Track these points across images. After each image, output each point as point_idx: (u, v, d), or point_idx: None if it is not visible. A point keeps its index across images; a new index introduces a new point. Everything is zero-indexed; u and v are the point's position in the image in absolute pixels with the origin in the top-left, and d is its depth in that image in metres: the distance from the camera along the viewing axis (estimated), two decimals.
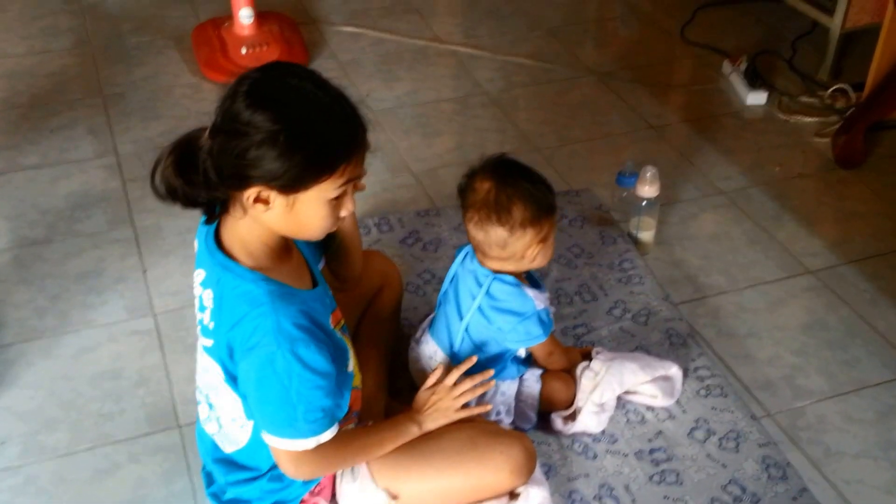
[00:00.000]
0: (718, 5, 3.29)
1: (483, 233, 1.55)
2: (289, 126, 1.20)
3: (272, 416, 1.32)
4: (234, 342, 1.31)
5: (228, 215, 1.32)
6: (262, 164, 1.20)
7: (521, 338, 1.62)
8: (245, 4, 2.85)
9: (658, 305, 1.99)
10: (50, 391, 1.87)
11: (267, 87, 1.22)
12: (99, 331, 2.01)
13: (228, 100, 1.22)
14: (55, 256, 2.21)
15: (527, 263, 1.60)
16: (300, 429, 1.32)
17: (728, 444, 1.69)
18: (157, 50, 3.03)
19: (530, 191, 1.54)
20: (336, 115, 1.24)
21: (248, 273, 1.30)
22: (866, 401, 1.85)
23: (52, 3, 3.33)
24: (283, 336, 1.27)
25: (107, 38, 3.12)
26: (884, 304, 2.07)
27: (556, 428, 1.71)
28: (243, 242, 1.32)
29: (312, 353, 1.28)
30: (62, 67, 2.95)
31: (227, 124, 1.21)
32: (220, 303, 1.32)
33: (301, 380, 1.28)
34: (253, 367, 1.29)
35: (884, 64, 2.52)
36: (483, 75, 2.91)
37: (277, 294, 1.29)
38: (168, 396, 1.86)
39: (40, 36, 3.13)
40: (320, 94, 1.24)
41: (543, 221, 1.55)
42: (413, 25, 3.19)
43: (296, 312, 1.29)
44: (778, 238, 2.26)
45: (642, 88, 2.85)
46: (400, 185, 2.43)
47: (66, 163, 2.52)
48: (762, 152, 2.57)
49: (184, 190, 1.25)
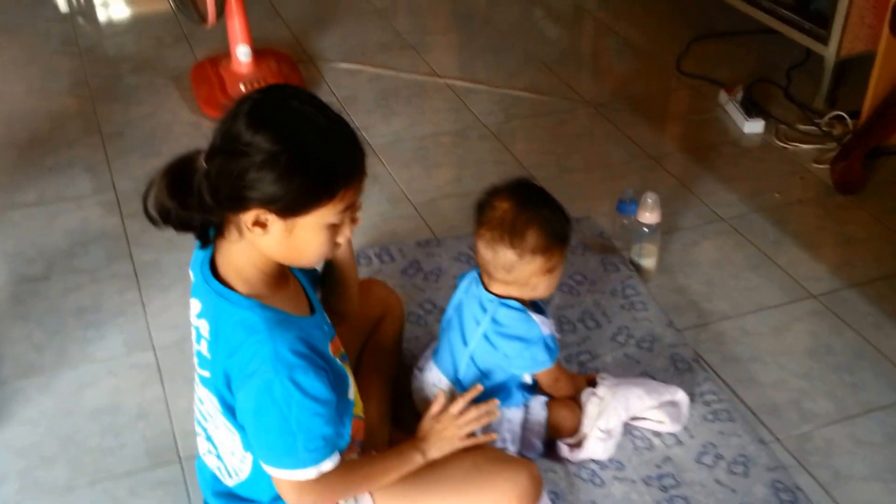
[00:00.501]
0: (712, 38, 3.32)
1: (492, 252, 1.54)
2: (290, 148, 1.19)
3: (272, 446, 1.30)
4: (231, 371, 1.29)
5: (223, 240, 1.30)
6: (261, 186, 1.19)
7: (527, 364, 1.60)
8: (242, 42, 2.88)
9: (662, 331, 1.98)
10: (48, 427, 1.85)
11: (269, 109, 1.21)
12: (98, 365, 1.99)
13: (229, 120, 1.21)
14: (53, 292, 2.20)
15: (529, 291, 1.59)
16: (301, 458, 1.29)
17: (737, 469, 1.67)
18: (156, 89, 3.05)
19: (548, 218, 1.53)
20: (337, 140, 1.24)
21: (243, 300, 1.28)
22: (874, 423, 1.83)
23: (51, 44, 3.37)
24: (281, 363, 1.24)
25: (105, 78, 3.14)
26: (888, 327, 2.06)
27: (562, 455, 1.69)
28: (239, 269, 1.30)
29: (311, 380, 1.26)
30: (60, 107, 2.96)
31: (227, 145, 1.20)
32: (217, 332, 1.30)
33: (300, 407, 1.26)
34: (251, 395, 1.27)
35: (880, 90, 2.53)
36: (481, 108, 2.93)
37: (274, 321, 1.27)
38: (169, 430, 1.84)
39: (38, 77, 3.15)
40: (322, 117, 1.23)
41: (554, 251, 1.54)
42: (410, 61, 3.21)
43: (293, 339, 1.27)
44: (780, 263, 2.26)
45: (640, 119, 2.87)
46: (400, 217, 2.43)
47: (64, 200, 2.52)
48: (761, 179, 2.57)
49: (177, 212, 1.23)
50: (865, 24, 2.73)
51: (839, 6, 2.71)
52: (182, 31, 3.43)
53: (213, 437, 1.42)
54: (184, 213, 1.24)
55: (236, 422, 1.34)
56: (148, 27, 3.58)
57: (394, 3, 3.71)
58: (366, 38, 3.38)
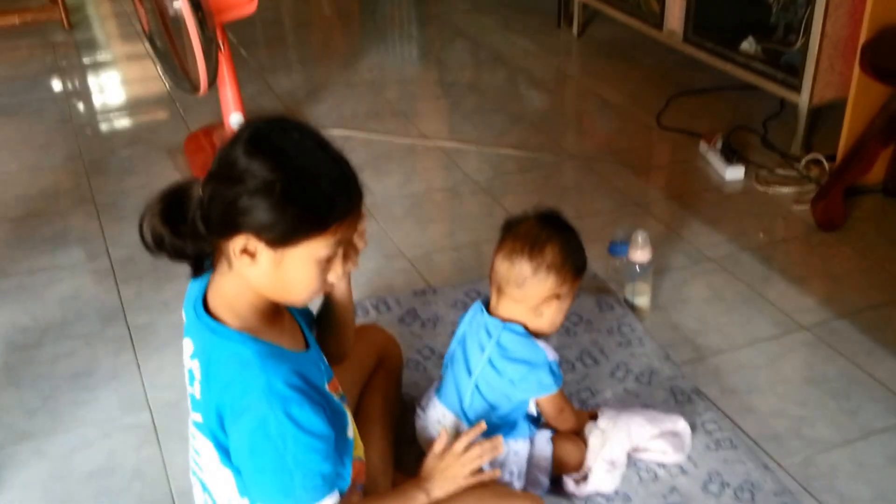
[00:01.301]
0: (690, 94, 3.38)
1: (508, 264, 1.53)
2: (286, 177, 1.16)
3: (268, 487, 1.23)
4: (223, 408, 1.23)
5: (215, 274, 1.27)
6: (253, 213, 1.15)
7: (532, 388, 1.57)
8: (235, 110, 2.91)
9: (660, 365, 1.96)
10: (42, 492, 1.78)
11: (269, 137, 1.19)
12: (92, 428, 1.93)
13: (228, 146, 1.19)
14: (47, 358, 2.15)
15: (535, 317, 1.56)
16: (298, 497, 1.23)
17: (744, 496, 1.63)
18: (150, 161, 3.07)
19: (569, 241, 1.55)
20: (335, 174, 1.20)
21: (235, 334, 1.23)
22: (875, 447, 1.80)
23: (45, 123, 3.39)
24: (276, 396, 1.19)
25: (99, 152, 3.16)
26: (880, 354, 2.04)
27: (568, 490, 1.65)
28: (230, 303, 1.25)
29: (307, 414, 1.20)
30: (54, 181, 2.97)
31: (223, 169, 1.18)
32: (208, 369, 1.25)
33: (296, 443, 1.20)
34: (245, 432, 1.21)
35: (853, 132, 2.57)
36: (471, 166, 2.95)
37: (267, 354, 1.22)
38: (166, 490, 1.78)
39: (32, 153, 3.17)
40: (321, 150, 1.21)
41: (567, 276, 1.54)
42: (400, 126, 3.25)
43: (288, 372, 1.21)
44: (769, 298, 2.25)
45: (625, 171, 2.89)
46: (396, 271, 2.42)
47: (58, 269, 2.50)
48: (745, 221, 2.59)
49: (171, 240, 1.21)
50: (835, 72, 2.79)
51: (809, 57, 2.78)
52: (176, 107, 3.47)
53: (209, 486, 1.35)
54: (177, 240, 1.21)
55: (232, 464, 1.27)
56: (141, 104, 3.63)
57: (382, 74, 3.77)
58: (357, 107, 3.43)
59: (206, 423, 1.27)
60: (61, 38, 4.30)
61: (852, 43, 2.72)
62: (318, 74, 3.77)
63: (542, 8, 4.38)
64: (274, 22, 4.50)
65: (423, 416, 1.71)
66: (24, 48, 4.20)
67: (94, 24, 4.61)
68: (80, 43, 4.28)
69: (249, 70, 3.77)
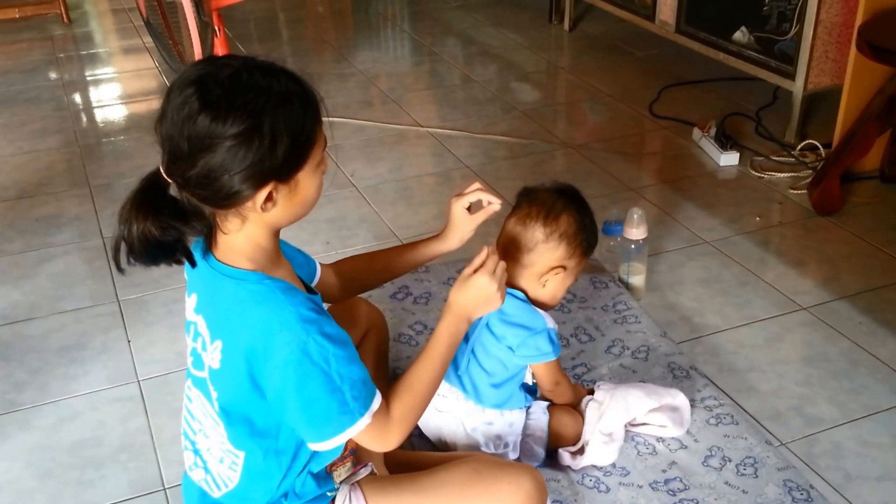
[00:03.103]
0: (682, 85, 3.29)
1: (521, 227, 1.47)
2: (265, 118, 1.08)
3: (324, 411, 1.15)
4: (254, 346, 1.14)
5: (221, 235, 1.18)
6: (256, 166, 1.08)
7: (530, 353, 1.47)
8: None
9: (657, 342, 1.85)
10: (27, 462, 1.69)
11: (219, 94, 1.08)
12: (80, 400, 1.84)
13: (183, 122, 1.07)
14: (37, 333, 2.05)
15: (537, 287, 1.48)
16: (353, 409, 1.16)
17: (746, 471, 1.53)
18: (144, 145, 2.96)
19: (584, 217, 1.49)
20: (295, 87, 1.13)
21: (251, 275, 1.17)
22: (880, 425, 1.70)
23: (42, 110, 3.29)
24: (308, 322, 1.13)
25: (95, 137, 3.06)
26: (882, 334, 1.94)
27: (564, 463, 1.54)
28: (241, 251, 1.19)
29: (335, 328, 1.16)
30: (49, 164, 2.86)
31: (199, 145, 1.07)
32: (219, 316, 1.18)
33: (337, 359, 1.14)
34: (289, 367, 1.13)
35: (849, 116, 2.48)
36: (462, 152, 2.85)
37: (283, 288, 1.17)
38: (153, 459, 1.68)
39: (29, 138, 3.06)
40: (266, 74, 1.12)
41: (577, 249, 1.47)
42: (392, 114, 3.15)
43: (305, 299, 1.16)
44: (767, 279, 2.15)
45: (618, 157, 2.79)
46: None
47: (51, 247, 2.39)
48: (741, 206, 2.49)
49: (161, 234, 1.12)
50: (830, 59, 2.70)
51: (803, 44, 2.69)
52: None
53: (201, 447, 1.28)
54: (170, 231, 1.12)
55: (229, 418, 1.21)
56: (137, 94, 3.53)
57: (375, 66, 3.67)
58: (349, 97, 3.33)
59: (222, 372, 1.19)
60: (60, 32, 4.20)
61: (847, 30, 2.63)
62: (312, 67, 3.66)
63: (532, 4, 4.29)
64: (268, 18, 4.41)
65: None
66: (23, 41, 4.10)
67: (93, 19, 4.51)
68: (78, 36, 4.18)
69: None
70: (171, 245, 1.14)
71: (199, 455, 1.29)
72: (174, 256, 1.16)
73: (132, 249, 1.12)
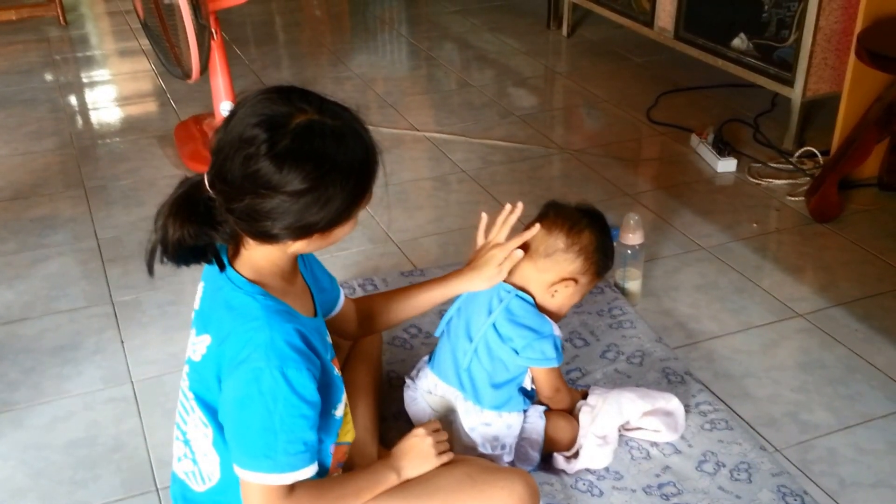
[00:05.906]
0: (680, 91, 3.31)
1: (546, 231, 1.51)
2: (324, 178, 1.11)
3: (250, 444, 1.16)
4: (223, 358, 1.18)
5: (244, 248, 1.22)
6: (303, 218, 1.12)
7: (535, 356, 1.48)
8: (226, 98, 2.82)
9: (652, 347, 1.87)
10: (20, 461, 1.69)
11: (290, 143, 1.10)
12: (73, 400, 1.85)
13: (241, 159, 1.10)
14: (30, 333, 2.06)
15: (546, 295, 1.52)
16: (278, 461, 1.16)
17: (740, 476, 1.54)
18: (140, 148, 2.97)
19: (605, 239, 1.54)
20: (360, 151, 1.16)
21: (249, 286, 1.19)
22: (875, 433, 1.71)
23: (38, 112, 3.29)
24: (275, 353, 1.14)
25: (90, 139, 3.07)
26: (879, 342, 1.96)
27: (558, 467, 1.56)
28: (253, 263, 1.22)
29: (302, 378, 1.15)
30: (44, 165, 2.87)
31: (253, 185, 1.10)
32: (217, 312, 1.21)
33: (286, 404, 1.14)
34: (238, 384, 1.15)
35: (848, 123, 2.49)
36: (459, 156, 2.86)
37: (274, 310, 1.18)
38: (146, 460, 1.69)
39: (24, 140, 3.07)
40: (336, 126, 1.14)
41: (592, 266, 1.51)
42: (388, 118, 3.17)
43: (291, 331, 1.17)
44: (763, 286, 2.16)
45: (615, 163, 2.81)
46: (382, 254, 2.33)
47: (46, 247, 2.40)
48: (738, 212, 2.50)
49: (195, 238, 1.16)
50: (829, 66, 2.72)
51: (802, 51, 2.71)
52: (167, 99, 3.38)
53: (191, 437, 1.29)
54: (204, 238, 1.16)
55: (217, 417, 1.22)
56: (133, 96, 3.54)
57: (372, 70, 3.69)
58: (345, 100, 3.30)
59: (201, 369, 1.23)
60: (57, 34, 4.21)
61: (846, 37, 2.65)
62: (308, 70, 3.68)
63: (531, 10, 4.31)
64: (265, 21, 4.42)
65: (412, 386, 1.63)
66: (19, 43, 4.11)
67: (89, 21, 4.52)
68: (74, 39, 4.19)
69: (241, 66, 3.69)
70: (202, 248, 1.18)
71: (189, 446, 1.31)
72: (205, 258, 1.20)
73: (165, 251, 1.15)
